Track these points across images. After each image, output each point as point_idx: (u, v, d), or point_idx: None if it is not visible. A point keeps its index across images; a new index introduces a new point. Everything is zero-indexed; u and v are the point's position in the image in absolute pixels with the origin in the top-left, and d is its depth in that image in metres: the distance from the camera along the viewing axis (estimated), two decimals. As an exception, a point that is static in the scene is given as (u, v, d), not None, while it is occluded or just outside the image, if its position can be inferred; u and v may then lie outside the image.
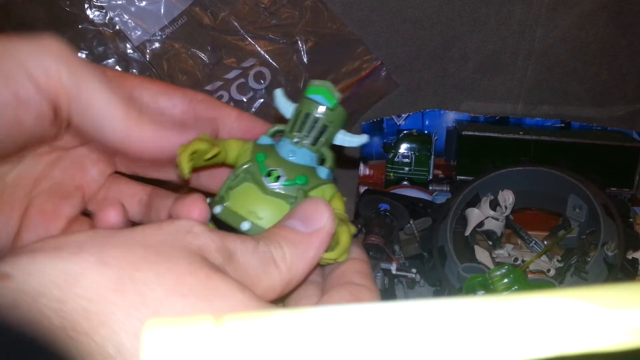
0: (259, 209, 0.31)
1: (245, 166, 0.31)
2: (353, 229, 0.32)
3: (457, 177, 0.77)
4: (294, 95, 0.35)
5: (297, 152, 0.32)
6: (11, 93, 0.24)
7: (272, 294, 0.26)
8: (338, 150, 0.34)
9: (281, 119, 0.34)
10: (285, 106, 0.34)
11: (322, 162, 0.34)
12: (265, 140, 0.33)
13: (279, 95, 0.34)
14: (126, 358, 0.18)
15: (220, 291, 0.21)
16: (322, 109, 0.32)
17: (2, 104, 0.24)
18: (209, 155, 0.31)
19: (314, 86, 0.32)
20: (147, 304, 0.19)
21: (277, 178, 0.31)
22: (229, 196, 0.31)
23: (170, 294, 0.20)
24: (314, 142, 0.33)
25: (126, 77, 0.33)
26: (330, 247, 0.30)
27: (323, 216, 0.28)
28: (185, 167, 0.29)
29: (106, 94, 0.25)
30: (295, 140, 0.32)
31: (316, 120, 0.32)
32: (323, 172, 0.33)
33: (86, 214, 0.33)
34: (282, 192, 0.31)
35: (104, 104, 0.26)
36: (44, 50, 0.25)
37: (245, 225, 0.30)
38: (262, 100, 0.74)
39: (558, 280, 0.62)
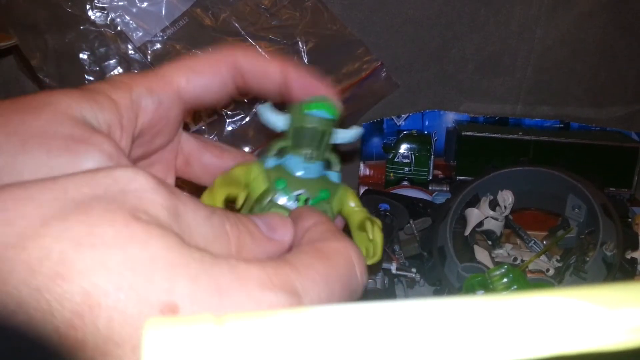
0: None
1: (269, 196, 0.32)
2: (379, 223, 0.32)
3: (457, 177, 0.77)
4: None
5: (310, 168, 0.32)
6: None
7: None
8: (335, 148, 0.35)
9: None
10: (276, 120, 0.33)
11: (327, 164, 0.34)
12: (272, 161, 0.33)
13: (266, 110, 0.33)
14: (29, 316, 0.18)
15: (138, 239, 0.20)
16: (325, 122, 0.32)
17: None
18: (239, 204, 0.31)
19: (312, 102, 0.32)
20: (51, 257, 0.18)
21: (306, 201, 0.32)
22: None
23: (77, 245, 0.19)
24: (322, 153, 0.33)
25: (233, 49, 0.33)
26: (365, 248, 0.31)
27: (288, 232, 0.28)
28: None
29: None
30: (306, 157, 0.32)
31: (322, 134, 0.32)
32: (334, 176, 0.34)
33: None
34: None
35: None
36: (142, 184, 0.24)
37: None
38: (263, 100, 0.74)
39: (557, 279, 0.62)
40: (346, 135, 0.34)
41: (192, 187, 0.36)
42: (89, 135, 0.26)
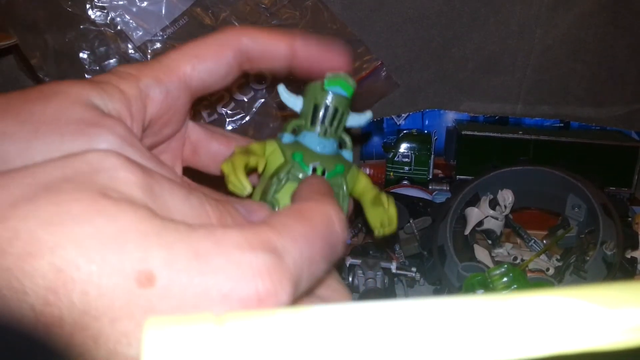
0: None
1: (286, 168, 0.32)
2: (392, 200, 0.34)
3: (457, 176, 0.77)
4: (296, 92, 0.36)
5: (325, 143, 0.33)
6: None
7: None
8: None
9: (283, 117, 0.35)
10: (293, 100, 0.35)
11: (340, 145, 0.35)
12: (288, 137, 0.34)
13: (283, 90, 0.35)
14: (2, 297, 0.18)
15: (107, 212, 0.19)
16: (341, 99, 0.33)
17: None
18: (260, 170, 0.32)
19: (330, 79, 0.33)
20: (20, 236, 0.19)
21: (323, 172, 0.32)
22: (278, 200, 0.32)
23: (46, 224, 0.19)
24: (336, 130, 0.34)
25: (237, 30, 0.33)
26: (380, 221, 0.33)
27: (265, 216, 0.28)
28: (246, 184, 0.30)
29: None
30: (321, 132, 0.33)
31: (336, 110, 0.33)
32: (347, 155, 0.35)
33: None
34: None
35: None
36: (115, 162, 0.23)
37: None
38: (262, 100, 0.74)
39: (557, 279, 0.62)
40: (360, 119, 0.35)
41: (199, 176, 0.36)
42: (101, 118, 0.26)
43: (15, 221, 0.19)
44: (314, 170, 0.32)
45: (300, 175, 0.32)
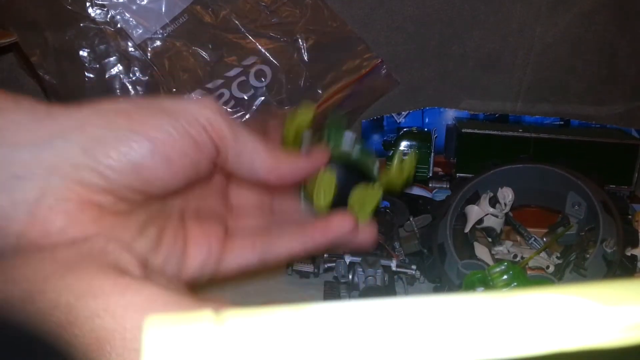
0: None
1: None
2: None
3: (457, 174, 0.77)
4: (294, 92, 0.39)
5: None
6: (192, 141, 0.29)
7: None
8: None
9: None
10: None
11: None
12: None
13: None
14: None
15: (132, 287, 0.22)
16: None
17: (185, 150, 0.29)
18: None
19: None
20: (59, 307, 0.21)
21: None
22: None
23: (81, 297, 0.21)
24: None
25: None
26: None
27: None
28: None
29: (255, 141, 0.32)
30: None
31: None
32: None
33: None
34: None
35: (254, 149, 0.32)
36: (208, 108, 0.30)
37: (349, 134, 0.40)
38: (262, 98, 0.74)
39: (557, 276, 0.62)
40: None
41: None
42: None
43: (52, 294, 0.21)
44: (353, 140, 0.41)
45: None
